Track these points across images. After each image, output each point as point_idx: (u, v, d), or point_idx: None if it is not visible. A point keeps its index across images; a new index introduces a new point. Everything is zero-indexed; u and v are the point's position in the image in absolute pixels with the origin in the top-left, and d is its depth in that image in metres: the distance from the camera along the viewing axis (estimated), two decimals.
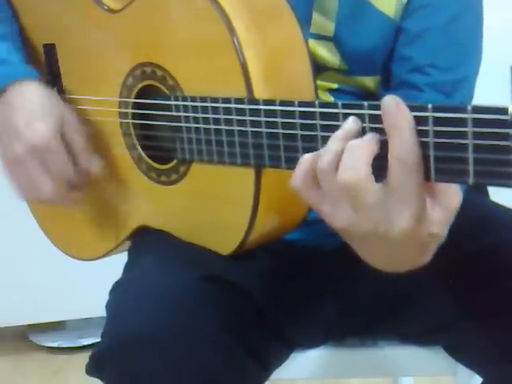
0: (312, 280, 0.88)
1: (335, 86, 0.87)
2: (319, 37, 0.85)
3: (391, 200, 0.57)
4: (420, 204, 0.57)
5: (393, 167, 0.56)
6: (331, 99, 0.87)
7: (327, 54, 0.86)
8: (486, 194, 0.95)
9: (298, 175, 0.62)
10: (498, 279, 0.79)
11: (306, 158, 0.61)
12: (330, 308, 0.88)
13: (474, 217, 0.86)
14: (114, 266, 1.05)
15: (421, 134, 0.56)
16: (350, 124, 0.59)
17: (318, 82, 0.80)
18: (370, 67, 0.88)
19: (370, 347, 0.93)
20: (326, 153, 0.59)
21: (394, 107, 0.56)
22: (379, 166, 0.58)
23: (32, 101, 0.85)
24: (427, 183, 0.57)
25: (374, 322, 0.90)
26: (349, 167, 0.57)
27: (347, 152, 0.58)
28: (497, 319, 0.78)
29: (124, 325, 0.70)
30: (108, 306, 0.77)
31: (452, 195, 0.58)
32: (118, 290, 0.79)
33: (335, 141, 0.60)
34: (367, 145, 0.58)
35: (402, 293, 0.85)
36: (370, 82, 0.89)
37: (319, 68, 0.84)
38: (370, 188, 0.57)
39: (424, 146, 0.56)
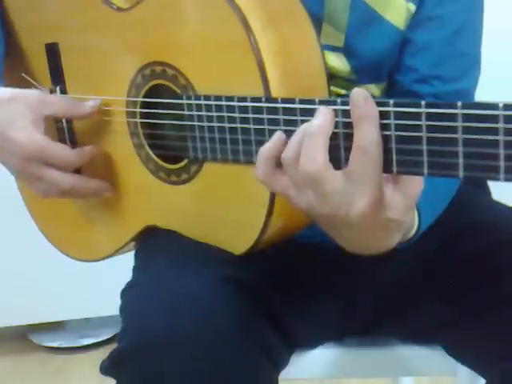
0: (318, 279, 0.88)
1: (343, 91, 0.88)
2: (329, 47, 0.85)
3: (350, 187, 0.60)
4: (377, 192, 0.60)
5: (355, 157, 0.60)
6: None
7: (337, 63, 0.86)
8: (488, 192, 0.97)
9: (260, 165, 0.65)
10: (498, 279, 0.80)
11: (264, 150, 0.65)
12: (334, 307, 0.88)
13: (475, 217, 0.88)
14: (114, 266, 1.04)
15: (383, 127, 0.59)
16: (317, 118, 0.62)
17: None
18: (377, 76, 0.89)
19: (370, 347, 0.94)
20: (290, 144, 0.63)
21: (362, 100, 0.59)
22: (342, 157, 0.62)
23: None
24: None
25: (374, 321, 0.90)
26: (307, 158, 0.61)
27: (305, 142, 0.62)
28: (497, 319, 0.79)
29: (145, 325, 0.70)
30: (124, 307, 0.76)
31: (413, 183, 0.61)
32: (132, 291, 0.78)
33: (299, 132, 0.63)
34: (320, 131, 0.61)
35: (401, 292, 0.86)
36: (375, 89, 0.90)
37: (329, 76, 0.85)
38: (329, 176, 0.61)
39: (386, 139, 0.59)
